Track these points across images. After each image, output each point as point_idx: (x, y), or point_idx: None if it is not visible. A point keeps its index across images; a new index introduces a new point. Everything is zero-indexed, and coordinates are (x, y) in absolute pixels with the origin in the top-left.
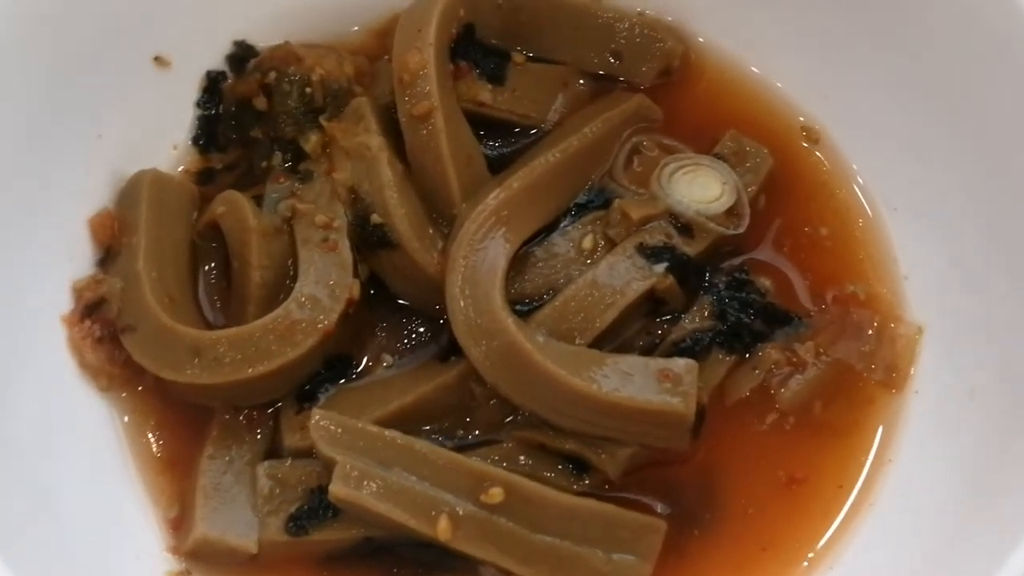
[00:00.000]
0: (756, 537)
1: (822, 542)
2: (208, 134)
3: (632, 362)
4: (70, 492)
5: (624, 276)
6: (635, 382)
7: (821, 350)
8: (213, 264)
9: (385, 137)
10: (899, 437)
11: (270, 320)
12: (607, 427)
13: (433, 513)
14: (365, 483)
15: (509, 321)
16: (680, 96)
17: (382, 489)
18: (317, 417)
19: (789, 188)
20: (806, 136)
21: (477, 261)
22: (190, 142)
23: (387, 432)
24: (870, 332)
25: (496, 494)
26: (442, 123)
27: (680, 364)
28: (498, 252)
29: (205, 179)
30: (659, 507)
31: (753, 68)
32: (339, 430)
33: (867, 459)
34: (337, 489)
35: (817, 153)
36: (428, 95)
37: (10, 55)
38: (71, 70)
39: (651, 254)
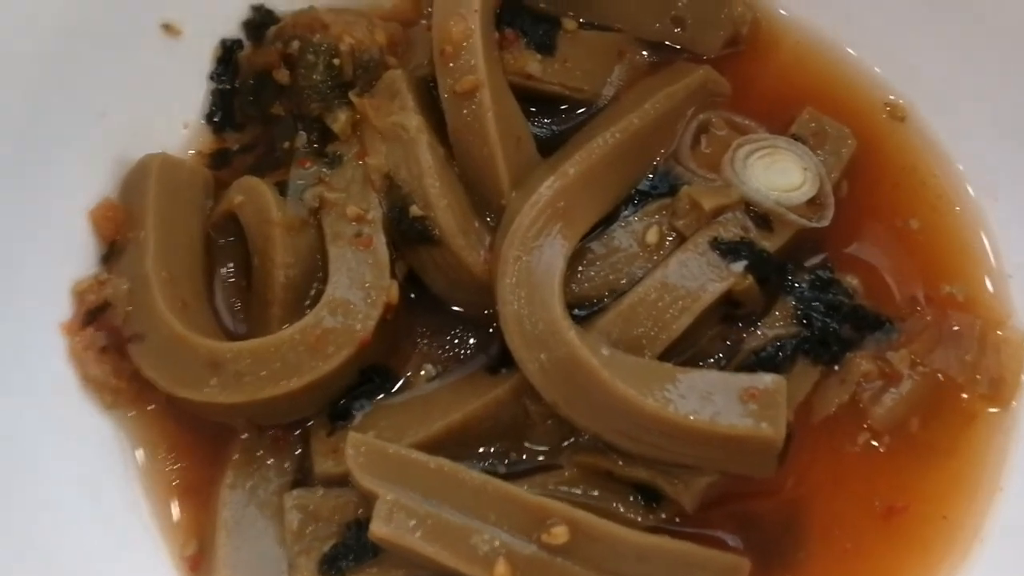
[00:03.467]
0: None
1: None
2: (223, 110)
3: (711, 378)
4: (68, 529)
5: (698, 276)
6: (716, 402)
7: (916, 359)
8: (231, 256)
9: (423, 115)
10: (1009, 460)
11: (298, 329)
12: (682, 453)
13: (489, 556)
14: (411, 521)
15: (571, 332)
16: (749, 69)
17: (430, 528)
18: (353, 442)
19: (874, 173)
20: (890, 113)
21: (532, 261)
22: (203, 120)
23: (433, 460)
24: (971, 339)
25: (560, 533)
26: (489, 100)
27: (767, 381)
28: (555, 251)
29: (219, 162)
30: (740, 543)
31: (829, 36)
32: (379, 456)
33: (973, 485)
34: (379, 528)
35: (905, 133)
36: (473, 68)
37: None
38: (70, 38)
39: (727, 250)
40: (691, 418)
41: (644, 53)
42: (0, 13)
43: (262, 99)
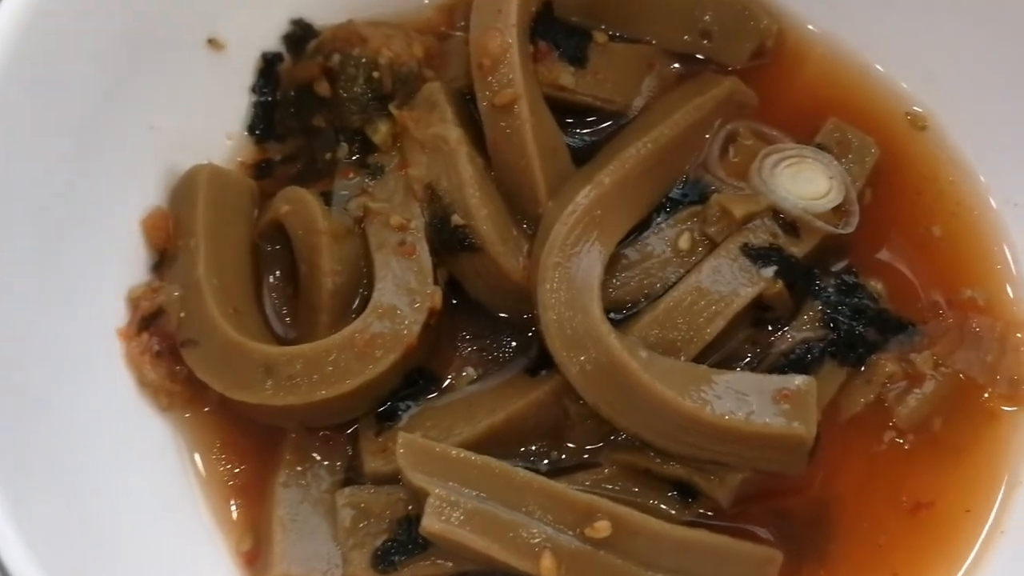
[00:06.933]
0: (882, 566)
1: (951, 570)
2: (265, 122)
3: (745, 380)
4: (131, 525)
5: (730, 281)
6: (750, 403)
7: (939, 361)
8: (278, 264)
9: (461, 127)
10: None
11: (348, 335)
12: (718, 451)
13: (536, 549)
14: (460, 516)
15: (611, 335)
16: (774, 80)
17: (478, 523)
18: (403, 441)
19: (897, 181)
20: (911, 122)
21: (571, 268)
22: (245, 131)
23: (479, 458)
24: (992, 341)
25: (603, 527)
26: (527, 112)
27: (798, 382)
28: (593, 257)
29: (263, 172)
30: (772, 537)
31: (852, 48)
32: (428, 455)
33: (995, 480)
34: (430, 523)
35: (926, 142)
36: (512, 82)
37: (54, 40)
38: (119, 55)
39: (757, 256)
40: (727, 418)
41: (673, 65)
42: (55, 31)
43: (303, 111)
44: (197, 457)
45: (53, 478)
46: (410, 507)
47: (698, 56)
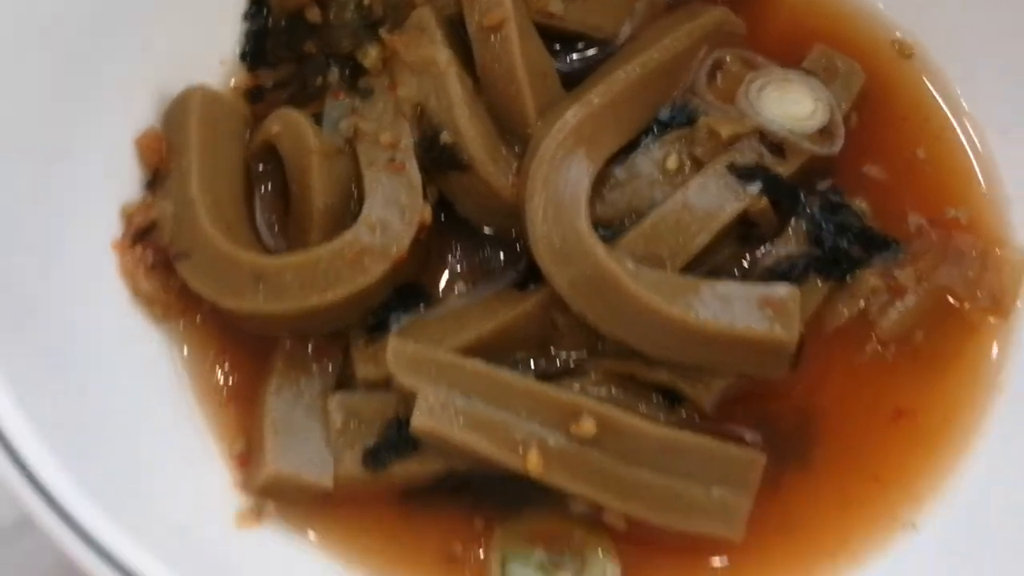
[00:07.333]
0: (864, 470)
1: (932, 476)
2: (257, 49)
3: (730, 288)
4: (126, 424)
5: (716, 197)
6: (734, 309)
7: (921, 276)
8: (269, 185)
9: (451, 49)
10: (1008, 367)
11: (338, 245)
12: (703, 357)
13: (523, 445)
14: (450, 414)
15: (598, 246)
16: (761, 9)
17: (467, 420)
18: (394, 345)
19: (883, 107)
20: (899, 51)
21: (559, 182)
22: (238, 58)
23: (469, 361)
24: (973, 258)
25: (588, 426)
26: (515, 34)
27: (782, 290)
28: (580, 172)
29: (254, 97)
30: (755, 440)
31: None
32: (418, 358)
33: (974, 388)
34: (420, 420)
35: (912, 69)
36: (500, 3)
37: None
38: None
39: (743, 174)
40: (711, 322)
41: None
42: None
43: (294, 38)
44: (192, 365)
45: (52, 375)
46: (400, 410)
47: None
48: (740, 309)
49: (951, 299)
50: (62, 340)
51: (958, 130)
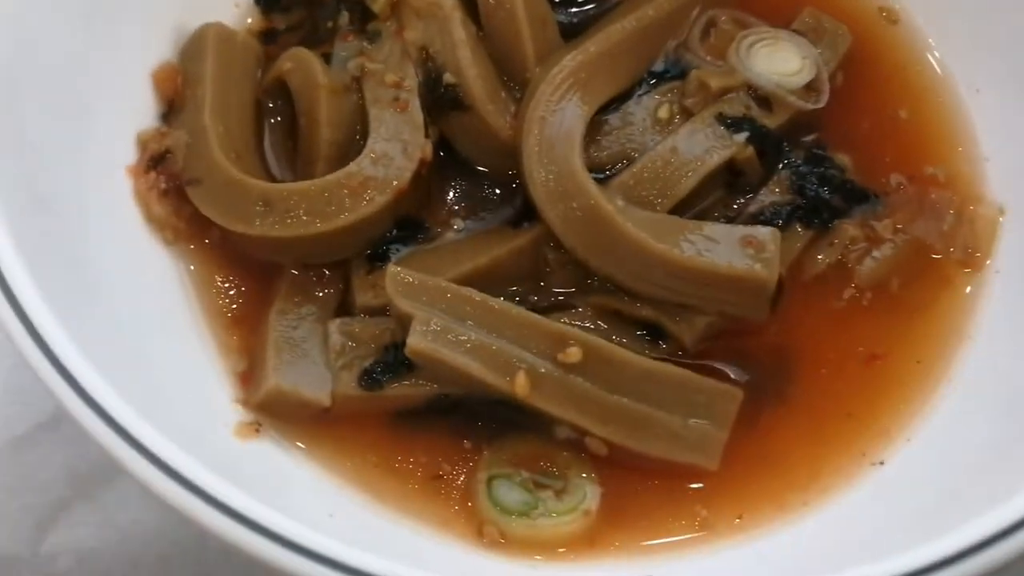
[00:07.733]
0: (837, 408)
1: (901, 416)
2: None
3: (715, 228)
4: (138, 335)
5: (704, 144)
6: (718, 248)
7: (899, 228)
8: (279, 118)
9: None
10: (979, 316)
11: (343, 175)
12: (686, 293)
13: (511, 370)
14: (443, 337)
15: (590, 183)
16: None
17: (460, 344)
18: (393, 272)
19: (867, 67)
20: (885, 17)
21: (554, 122)
22: (252, 1)
23: (464, 289)
24: (949, 212)
25: (574, 353)
26: None
27: (763, 231)
28: (575, 114)
29: (267, 39)
30: (735, 377)
31: None
32: (415, 285)
33: (945, 336)
34: (415, 342)
35: (896, 33)
36: None
37: None
38: None
39: (731, 124)
40: (696, 259)
41: None
42: None
43: None
44: (199, 287)
45: (69, 275)
46: (397, 335)
47: None
48: (723, 248)
49: (927, 251)
50: (77, 254)
51: (940, 91)
